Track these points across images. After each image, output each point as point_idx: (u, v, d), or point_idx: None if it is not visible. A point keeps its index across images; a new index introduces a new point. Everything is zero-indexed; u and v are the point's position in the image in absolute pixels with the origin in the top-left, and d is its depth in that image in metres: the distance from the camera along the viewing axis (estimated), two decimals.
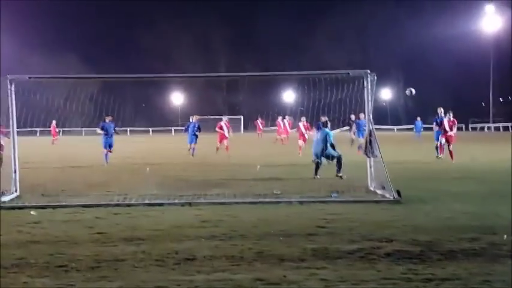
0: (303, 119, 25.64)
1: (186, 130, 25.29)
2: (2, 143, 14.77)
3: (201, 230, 8.53)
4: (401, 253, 7.02)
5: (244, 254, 7.05)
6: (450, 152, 20.41)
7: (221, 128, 26.25)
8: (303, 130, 25.32)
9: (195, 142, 24.18)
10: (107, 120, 20.88)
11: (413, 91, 15.58)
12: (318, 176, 15.18)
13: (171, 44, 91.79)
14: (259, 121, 50.99)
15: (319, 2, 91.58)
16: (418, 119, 45.73)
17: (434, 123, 22.47)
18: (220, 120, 27.61)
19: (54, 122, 37.50)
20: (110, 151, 20.94)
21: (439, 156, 21.26)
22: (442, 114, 21.82)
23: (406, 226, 8.64)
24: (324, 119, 15.74)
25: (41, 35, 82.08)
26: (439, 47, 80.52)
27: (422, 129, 44.78)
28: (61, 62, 76.94)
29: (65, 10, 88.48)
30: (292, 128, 33.63)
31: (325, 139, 15.52)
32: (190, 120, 24.97)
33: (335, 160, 15.36)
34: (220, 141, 26.18)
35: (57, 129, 40.71)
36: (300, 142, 25.31)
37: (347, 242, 7.61)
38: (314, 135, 18.22)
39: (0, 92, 11.81)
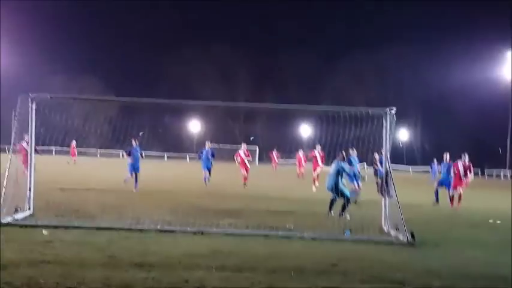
0: (318, 147, 24.95)
1: (200, 157, 25.03)
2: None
3: (212, 259, 8.48)
4: None
5: (255, 287, 6.98)
6: (459, 197, 19.66)
7: (240, 156, 25.18)
8: (318, 159, 24.79)
9: (210, 169, 23.80)
10: (134, 145, 20.48)
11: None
12: (332, 213, 14.96)
13: (192, 73, 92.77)
14: (274, 153, 50.98)
15: (342, 43, 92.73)
16: (435, 161, 45.55)
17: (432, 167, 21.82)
18: (239, 149, 26.58)
19: (74, 142, 37.87)
20: (135, 178, 20.23)
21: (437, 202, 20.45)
22: (448, 160, 21.08)
23: (418, 270, 8.51)
24: (343, 153, 15.46)
25: (63, 58, 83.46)
26: (458, 91, 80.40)
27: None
28: (82, 85, 78.11)
29: (88, 34, 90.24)
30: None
31: (337, 173, 15.10)
32: (205, 147, 24.69)
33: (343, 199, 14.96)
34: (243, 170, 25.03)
35: (75, 150, 41.18)
36: (314, 173, 24.83)
37: (358, 282, 7.52)
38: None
39: (19, 110, 11.91)
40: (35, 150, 13.58)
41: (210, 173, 23.90)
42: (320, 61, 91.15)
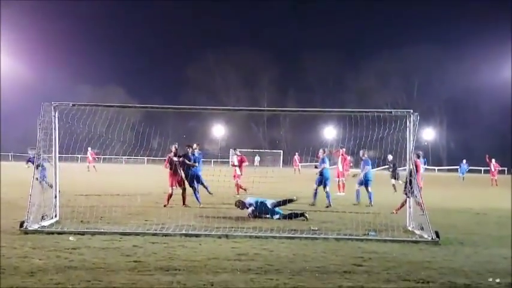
0: (342, 150, 23.38)
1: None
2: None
3: (237, 262, 8.53)
4: None
5: None
6: None
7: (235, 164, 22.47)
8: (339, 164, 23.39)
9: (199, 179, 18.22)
10: (195, 151, 18.60)
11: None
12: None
13: (215, 78, 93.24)
14: (296, 157, 51.12)
15: (365, 43, 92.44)
16: (464, 161, 45.21)
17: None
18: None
19: (89, 149, 38.35)
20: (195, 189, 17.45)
21: None
22: None
23: (443, 268, 8.47)
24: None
25: (87, 67, 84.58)
26: (484, 91, 79.53)
27: (466, 172, 44.58)
28: (106, 93, 79.02)
29: (112, 42, 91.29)
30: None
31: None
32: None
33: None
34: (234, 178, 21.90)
35: (95, 156, 41.64)
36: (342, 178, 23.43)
37: (383, 282, 7.50)
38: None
39: (42, 118, 12.08)
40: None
41: (201, 185, 18.47)
42: (343, 62, 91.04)
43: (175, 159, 17.16)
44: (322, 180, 18.37)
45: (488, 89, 79.08)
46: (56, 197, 12.78)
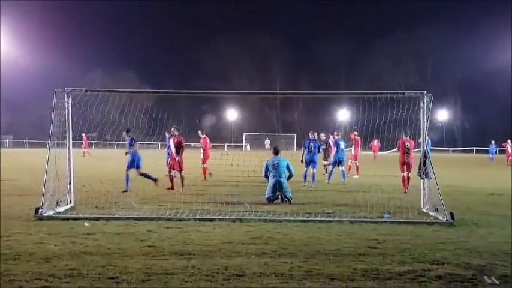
0: (356, 133, 23.78)
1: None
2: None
3: (251, 246, 8.53)
4: (453, 276, 6.86)
5: (294, 272, 7.01)
6: None
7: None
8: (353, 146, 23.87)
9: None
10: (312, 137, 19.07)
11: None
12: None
13: (228, 62, 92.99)
14: None
15: (378, 24, 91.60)
16: (493, 142, 44.89)
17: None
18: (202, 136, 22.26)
19: (83, 134, 38.36)
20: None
21: None
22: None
23: (458, 249, 8.43)
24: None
25: (100, 52, 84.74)
26: (498, 71, 78.63)
27: (496, 152, 44.41)
28: (119, 78, 79.18)
29: (124, 28, 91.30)
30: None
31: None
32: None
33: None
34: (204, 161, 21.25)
35: (88, 141, 41.76)
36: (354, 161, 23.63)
37: (398, 264, 7.47)
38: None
39: (55, 104, 12.11)
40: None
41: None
42: (355, 44, 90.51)
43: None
44: (337, 161, 19.76)
45: (503, 69, 78.18)
46: (70, 183, 12.85)
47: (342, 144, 20.27)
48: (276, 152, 15.23)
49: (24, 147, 72.16)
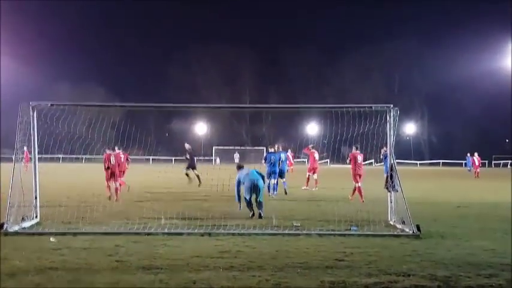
0: (310, 146, 24.66)
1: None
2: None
3: (220, 260, 8.52)
4: None
5: (262, 286, 7.04)
6: None
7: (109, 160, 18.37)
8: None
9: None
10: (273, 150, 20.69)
11: None
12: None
13: (196, 75, 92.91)
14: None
15: (345, 38, 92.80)
16: (468, 154, 46.06)
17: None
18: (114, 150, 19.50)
19: (25, 148, 37.87)
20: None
21: None
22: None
23: (424, 261, 8.56)
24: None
25: (66, 64, 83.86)
26: (464, 84, 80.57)
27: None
28: (85, 91, 78.39)
29: (89, 39, 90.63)
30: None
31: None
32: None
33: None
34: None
35: (29, 156, 41.29)
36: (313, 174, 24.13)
37: (365, 276, 7.55)
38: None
39: (20, 118, 11.94)
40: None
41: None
42: (323, 58, 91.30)
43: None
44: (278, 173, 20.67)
45: (468, 82, 79.90)
46: (36, 197, 12.65)
47: (283, 156, 21.39)
48: (241, 167, 15.11)
49: None
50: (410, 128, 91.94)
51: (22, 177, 11.69)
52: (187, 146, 24.97)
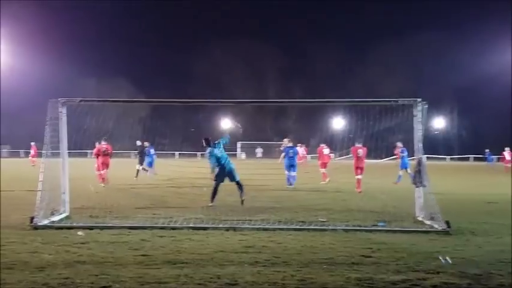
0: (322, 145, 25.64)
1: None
2: None
3: (244, 255, 8.50)
4: (448, 285, 6.83)
5: (287, 281, 6.98)
6: None
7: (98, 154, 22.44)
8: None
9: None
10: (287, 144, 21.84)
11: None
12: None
13: (222, 71, 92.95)
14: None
15: (371, 32, 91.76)
16: (487, 151, 45.38)
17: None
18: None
19: (33, 143, 40.84)
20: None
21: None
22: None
23: (454, 258, 8.36)
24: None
25: (94, 60, 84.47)
26: (495, 77, 78.79)
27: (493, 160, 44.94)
28: (113, 87, 78.94)
29: (119, 35, 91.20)
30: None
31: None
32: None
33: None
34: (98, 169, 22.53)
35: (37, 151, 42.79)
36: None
37: (392, 273, 7.44)
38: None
39: (49, 115, 12.06)
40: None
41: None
42: (349, 51, 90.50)
43: None
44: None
45: (500, 75, 78.28)
46: (64, 192, 12.80)
47: (291, 152, 22.15)
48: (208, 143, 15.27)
49: (20, 157, 71.91)
50: (439, 122, 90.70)
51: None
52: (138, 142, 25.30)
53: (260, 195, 17.52)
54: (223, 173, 14.88)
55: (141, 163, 25.01)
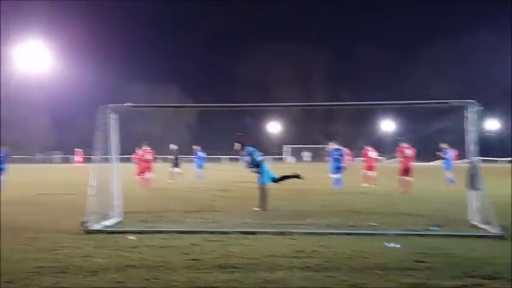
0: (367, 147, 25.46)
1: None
2: None
3: (294, 260, 8.40)
4: None
5: (339, 287, 6.88)
6: None
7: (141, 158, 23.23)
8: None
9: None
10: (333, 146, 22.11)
11: None
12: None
13: (268, 75, 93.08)
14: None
15: (421, 32, 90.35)
16: None
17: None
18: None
19: (78, 149, 42.83)
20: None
21: None
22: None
23: (511, 263, 8.06)
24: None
25: (143, 66, 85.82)
26: None
27: None
28: (162, 92, 79.99)
29: (163, 40, 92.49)
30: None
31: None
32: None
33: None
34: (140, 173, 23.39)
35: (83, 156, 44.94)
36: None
37: (447, 278, 7.23)
38: None
39: (100, 120, 12.25)
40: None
41: None
42: (398, 53, 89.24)
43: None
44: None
45: None
46: (116, 197, 12.98)
47: (334, 154, 22.20)
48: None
49: (70, 163, 73.72)
50: (493, 124, 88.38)
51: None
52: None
53: (307, 199, 17.40)
54: (266, 176, 14.80)
55: (175, 166, 25.66)
